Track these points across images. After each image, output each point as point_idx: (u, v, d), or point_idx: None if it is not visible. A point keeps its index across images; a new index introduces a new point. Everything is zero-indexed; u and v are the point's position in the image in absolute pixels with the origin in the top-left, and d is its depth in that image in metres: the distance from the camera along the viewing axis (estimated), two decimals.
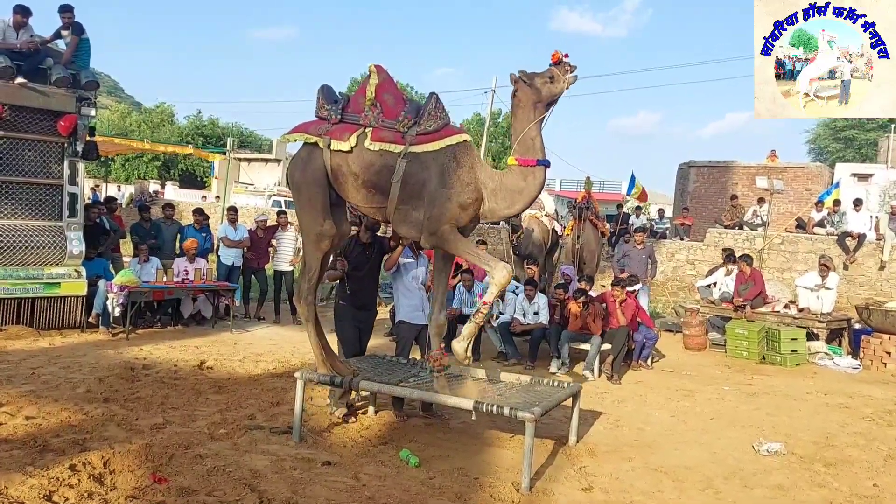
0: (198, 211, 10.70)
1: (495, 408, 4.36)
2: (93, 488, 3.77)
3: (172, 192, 33.40)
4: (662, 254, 15.18)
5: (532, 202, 5.01)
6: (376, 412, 5.67)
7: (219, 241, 10.24)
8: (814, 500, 4.51)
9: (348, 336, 5.75)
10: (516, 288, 9.01)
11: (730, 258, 11.01)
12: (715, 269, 11.84)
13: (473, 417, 4.58)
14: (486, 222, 5.86)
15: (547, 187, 8.58)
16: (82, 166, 8.67)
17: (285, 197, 24.80)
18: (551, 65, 4.62)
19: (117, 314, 8.30)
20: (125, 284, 8.28)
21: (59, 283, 8.26)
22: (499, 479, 4.41)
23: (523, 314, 8.50)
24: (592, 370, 7.77)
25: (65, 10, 8.28)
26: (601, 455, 5.08)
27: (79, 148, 8.45)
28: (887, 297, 11.99)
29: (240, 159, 34.53)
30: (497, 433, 5.37)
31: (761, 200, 15.52)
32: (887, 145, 24.95)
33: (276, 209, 15.67)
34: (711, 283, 11.32)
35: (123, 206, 19.46)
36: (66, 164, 8.44)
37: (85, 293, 8.42)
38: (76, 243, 8.40)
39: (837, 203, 14.46)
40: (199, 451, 4.43)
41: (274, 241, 10.45)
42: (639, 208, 19.24)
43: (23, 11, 8.12)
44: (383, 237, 5.99)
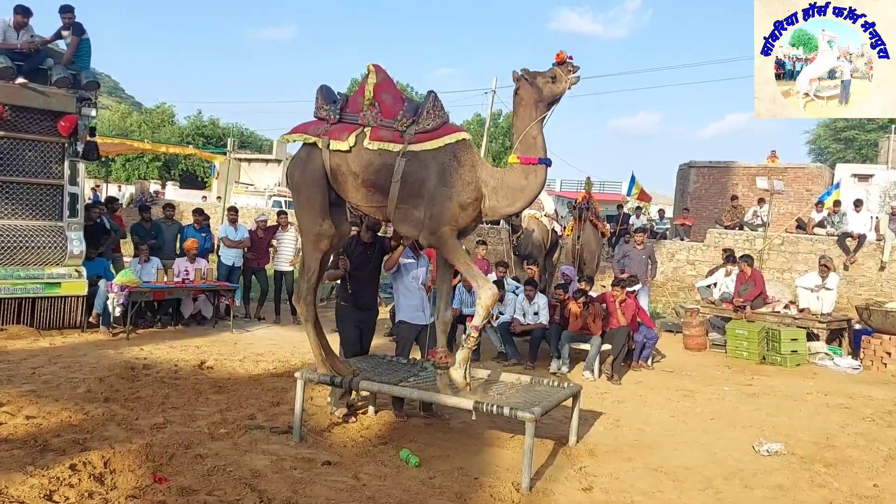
0: (197, 211, 10.71)
1: (495, 408, 4.37)
2: (93, 488, 3.77)
3: (173, 192, 33.46)
4: (663, 254, 15.17)
5: (533, 200, 5.00)
6: (376, 412, 5.67)
7: (219, 242, 10.25)
8: (814, 500, 4.51)
9: (349, 336, 5.75)
10: (516, 288, 9.02)
11: (730, 259, 11.01)
12: (715, 269, 11.84)
13: (473, 417, 4.59)
14: (487, 222, 5.85)
15: (547, 187, 8.58)
16: (83, 166, 8.69)
17: (285, 197, 24.80)
18: (555, 64, 4.60)
19: (118, 314, 8.30)
20: (126, 284, 8.28)
21: (60, 283, 8.27)
22: (499, 479, 4.42)
23: (523, 314, 8.51)
24: (592, 370, 7.77)
25: (65, 10, 8.29)
26: (601, 455, 5.08)
27: (79, 148, 8.46)
28: (887, 297, 11.98)
29: (240, 159, 34.57)
30: (497, 433, 5.37)
31: (761, 201, 15.51)
32: (887, 146, 24.92)
33: (277, 209, 15.69)
34: (711, 283, 11.32)
35: (124, 207, 19.45)
36: (67, 164, 8.46)
37: (85, 293, 8.43)
38: (77, 243, 8.41)
39: (838, 204, 14.46)
40: (199, 451, 4.44)
41: (274, 242, 10.47)
42: (639, 209, 19.25)
43: (23, 12, 8.13)
44: (384, 237, 5.99)
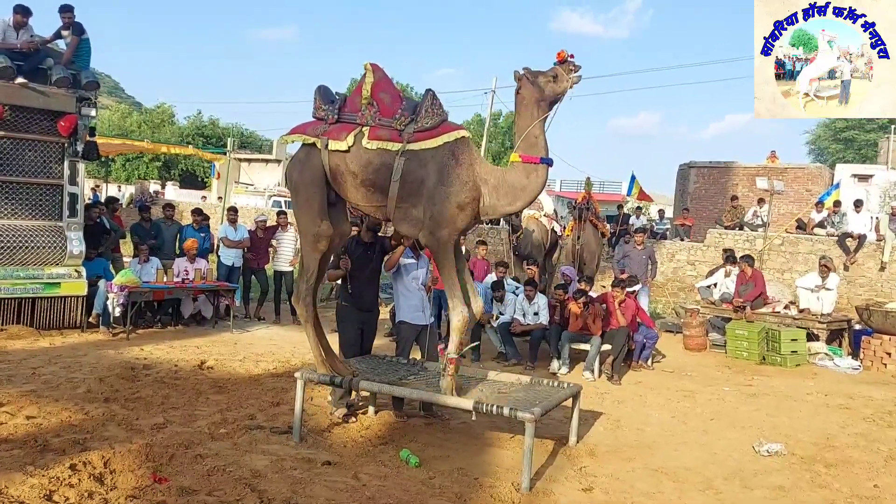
0: (196, 211, 10.71)
1: (495, 408, 4.36)
2: (93, 488, 3.77)
3: (173, 192, 33.48)
4: (663, 254, 15.17)
5: (534, 200, 4.99)
6: (376, 412, 5.67)
7: (219, 242, 10.25)
8: (814, 500, 4.51)
9: (350, 337, 5.75)
10: (516, 289, 9.03)
11: (730, 259, 11.00)
12: (715, 269, 11.83)
13: (473, 418, 4.59)
14: (486, 221, 5.84)
15: (547, 187, 8.58)
16: (82, 166, 8.68)
17: (285, 197, 24.81)
18: (556, 63, 4.59)
19: (117, 314, 8.30)
20: (125, 284, 8.28)
21: (60, 283, 8.26)
22: (499, 479, 4.41)
23: (523, 314, 8.50)
24: (592, 371, 7.77)
25: (65, 10, 8.29)
26: (601, 455, 5.08)
27: (79, 148, 8.46)
28: (887, 297, 11.97)
29: (240, 160, 34.59)
30: (497, 433, 5.36)
31: (761, 201, 15.51)
32: (887, 146, 24.96)
33: (276, 209, 15.69)
34: (712, 283, 11.31)
35: (124, 207, 19.46)
36: (67, 164, 8.45)
37: (85, 293, 8.43)
38: (76, 243, 8.40)
39: (838, 204, 14.47)
40: (199, 451, 4.43)
41: (274, 242, 10.47)
42: (639, 209, 19.26)
43: (23, 11, 8.13)
44: (384, 237, 5.98)
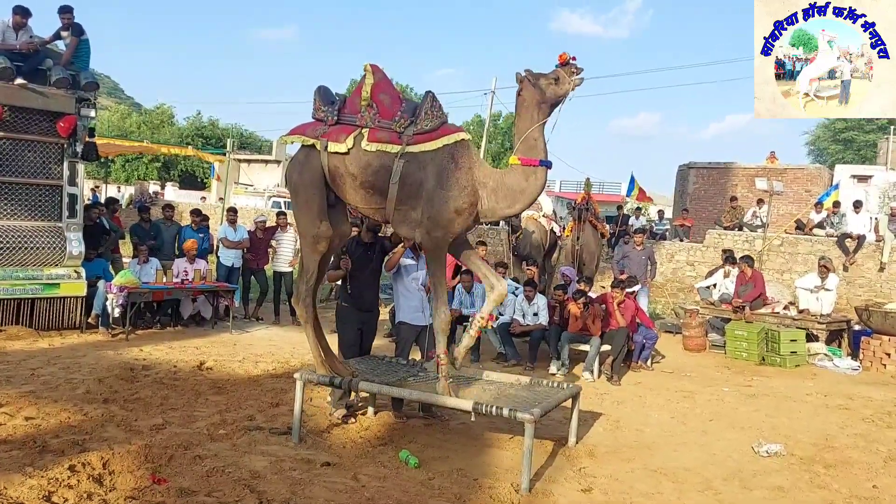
0: (195, 212, 10.71)
1: (494, 409, 4.36)
2: (92, 489, 3.76)
3: (172, 193, 33.47)
4: (662, 255, 15.17)
5: (533, 202, 4.99)
6: (376, 413, 5.66)
7: (218, 242, 10.25)
8: (813, 501, 4.51)
9: (349, 337, 5.74)
10: (516, 289, 9.01)
11: (729, 259, 11.00)
12: (714, 270, 11.84)
13: (473, 418, 4.58)
14: (486, 222, 5.83)
15: (546, 188, 8.58)
16: (82, 167, 8.67)
17: (285, 198, 24.82)
18: (558, 66, 4.57)
19: (117, 315, 8.28)
20: (125, 285, 8.27)
21: (59, 283, 8.25)
22: (498, 480, 4.41)
23: (523, 315, 8.50)
24: (592, 371, 7.77)
25: (64, 10, 8.28)
26: (601, 456, 5.08)
27: (78, 149, 8.45)
28: (887, 298, 11.97)
29: (240, 160, 34.60)
30: (496, 434, 5.36)
31: (761, 202, 15.51)
32: (887, 147, 24.95)
33: (276, 210, 15.69)
34: (711, 284, 11.32)
35: (123, 207, 19.45)
36: (66, 164, 8.44)
37: (84, 294, 8.41)
38: (76, 244, 8.39)
39: (837, 204, 14.47)
40: (198, 452, 4.43)
41: (273, 242, 10.47)
42: (638, 209, 19.26)
43: (22, 12, 8.12)
44: (384, 237, 5.98)
